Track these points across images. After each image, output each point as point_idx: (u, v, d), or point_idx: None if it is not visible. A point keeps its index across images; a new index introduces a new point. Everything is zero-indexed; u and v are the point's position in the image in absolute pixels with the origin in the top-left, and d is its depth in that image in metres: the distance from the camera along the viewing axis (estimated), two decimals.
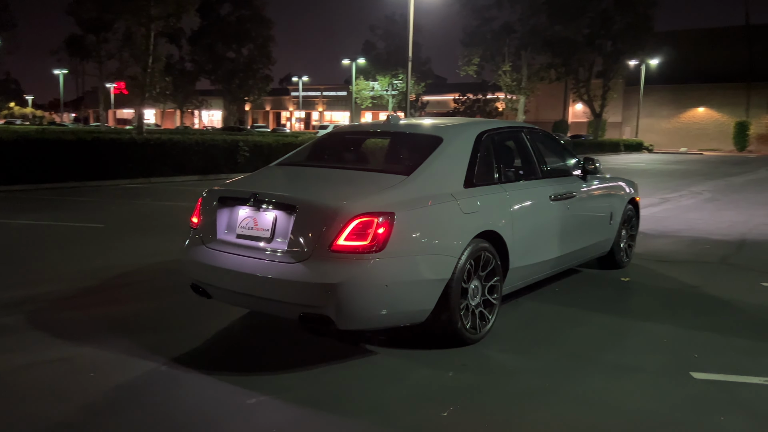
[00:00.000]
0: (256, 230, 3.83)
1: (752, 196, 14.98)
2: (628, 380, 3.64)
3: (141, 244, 7.54)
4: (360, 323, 3.65)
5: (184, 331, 4.39)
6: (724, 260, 7.20)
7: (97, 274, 5.94)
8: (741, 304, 5.31)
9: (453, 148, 4.31)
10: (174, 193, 13.41)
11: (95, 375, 3.60)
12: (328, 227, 3.53)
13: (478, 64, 42.70)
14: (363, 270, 3.49)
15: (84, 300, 5.12)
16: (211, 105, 74.76)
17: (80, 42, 49.32)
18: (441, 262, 3.82)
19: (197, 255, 4.05)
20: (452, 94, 56.03)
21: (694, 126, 54.08)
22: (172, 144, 15.78)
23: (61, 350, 3.97)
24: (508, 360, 3.94)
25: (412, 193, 3.85)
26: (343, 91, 75.14)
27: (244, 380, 3.54)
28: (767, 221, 10.41)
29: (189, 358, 3.88)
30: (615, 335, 4.46)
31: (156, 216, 10.12)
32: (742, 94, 50.90)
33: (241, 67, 61.62)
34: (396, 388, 3.48)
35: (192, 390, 3.43)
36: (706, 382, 3.64)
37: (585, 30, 41.87)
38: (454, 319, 3.92)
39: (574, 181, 5.51)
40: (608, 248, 6.23)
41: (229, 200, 4.03)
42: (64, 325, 4.46)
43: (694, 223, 10.15)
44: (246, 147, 17.36)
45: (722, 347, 4.24)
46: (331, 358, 3.91)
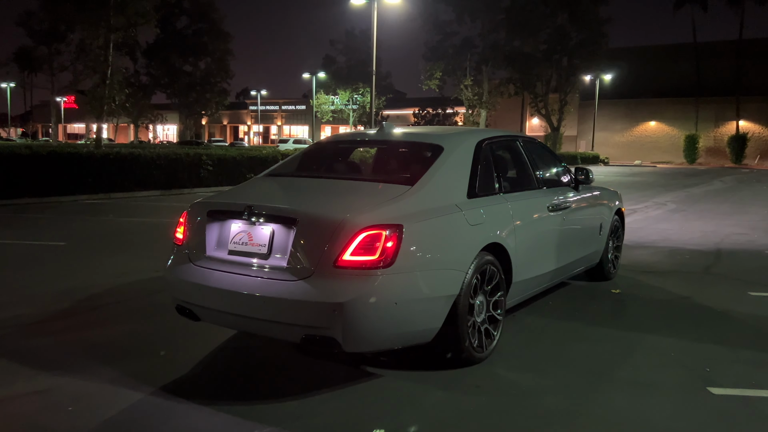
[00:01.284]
0: (251, 246, 3.55)
1: (715, 206, 15.30)
2: (648, 398, 3.49)
3: (107, 263, 7.11)
4: (367, 345, 3.40)
5: (169, 356, 4.05)
6: (707, 270, 7.21)
7: (66, 296, 5.52)
8: (735, 314, 5.27)
9: (455, 157, 4.13)
10: (136, 208, 12.89)
11: (76, 409, 3.25)
12: (332, 241, 3.29)
13: (440, 78, 43.04)
14: (371, 287, 3.25)
15: (55, 325, 4.72)
16: (167, 119, 73.19)
17: (31, 54, 47.62)
18: (449, 277, 3.62)
19: (184, 274, 3.74)
20: (412, 108, 56.34)
21: (647, 139, 55.63)
22: (133, 158, 15.22)
23: (35, 382, 3.59)
24: (521, 379, 3.75)
25: (418, 204, 3.64)
26: (303, 105, 74.67)
27: (243, 410, 3.25)
28: (737, 231, 10.58)
29: (179, 386, 3.56)
30: (622, 350, 4.32)
31: (120, 233, 9.64)
32: (692, 109, 52.63)
33: (198, 81, 60.58)
34: (412, 414, 3.24)
35: (189, 423, 3.12)
36: (725, 397, 3.52)
37: (543, 46, 42.73)
38: (462, 337, 3.71)
39: (568, 191, 5.41)
40: (597, 260, 6.15)
41: (220, 214, 3.74)
42: (36, 353, 4.07)
43: (666, 233, 10.23)
44: (209, 161, 16.89)
45: (730, 360, 4.14)
46: (334, 382, 3.65)
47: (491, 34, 42.13)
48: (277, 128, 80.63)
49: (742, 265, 7.59)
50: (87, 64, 25.90)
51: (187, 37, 58.99)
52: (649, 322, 5.04)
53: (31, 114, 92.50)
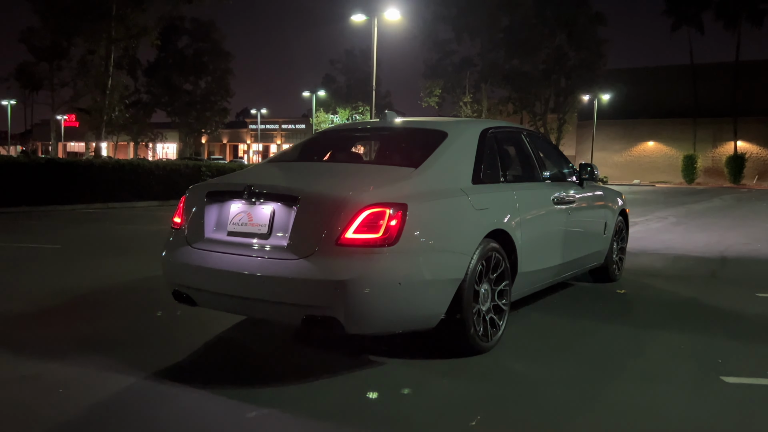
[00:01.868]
0: (251, 226, 3.44)
1: (717, 221, 15.23)
2: (662, 387, 3.36)
3: (102, 264, 6.99)
4: (370, 327, 3.27)
5: (164, 346, 3.92)
6: (713, 274, 7.10)
7: (58, 294, 5.39)
8: (745, 313, 5.15)
9: (459, 142, 4.05)
10: (134, 217, 12.78)
11: (66, 392, 3.11)
12: (335, 219, 3.18)
13: (440, 95, 43.23)
14: (374, 265, 3.14)
15: (46, 318, 4.59)
16: (166, 138, 73.32)
17: (32, 71, 47.78)
18: (454, 260, 3.51)
19: (181, 256, 3.62)
20: None
21: (645, 159, 55.74)
22: (132, 168, 15.16)
23: (23, 368, 3.45)
24: (529, 369, 3.62)
25: (422, 185, 3.54)
26: (302, 124, 74.93)
27: (240, 393, 3.11)
28: (740, 241, 10.48)
29: (174, 372, 3.43)
30: (632, 344, 4.20)
31: (117, 239, 9.52)
32: (689, 129, 52.83)
33: (199, 99, 60.85)
34: (414, 399, 3.11)
35: (182, 404, 2.98)
36: (740, 386, 3.39)
37: (541, 65, 43.00)
38: (467, 324, 3.59)
39: (572, 186, 5.31)
40: (602, 260, 6.03)
41: (219, 195, 3.63)
42: (24, 344, 3.93)
43: (669, 243, 10.13)
44: (209, 172, 16.83)
45: (743, 353, 4.02)
46: (335, 369, 3.51)
47: (490, 52, 42.41)
48: (276, 147, 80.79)
49: (748, 270, 7.48)
50: (87, 80, 25.86)
51: (188, 56, 59.36)
52: (657, 319, 4.92)
53: (31, 132, 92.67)
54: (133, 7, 22.69)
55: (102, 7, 22.31)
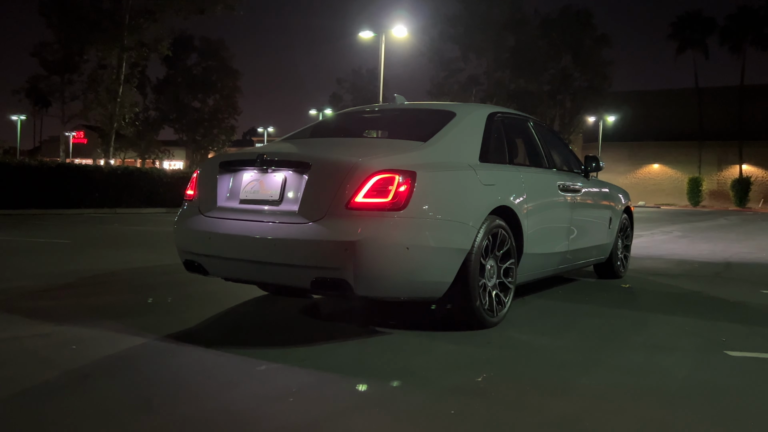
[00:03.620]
0: (263, 193, 3.52)
1: (722, 234, 15.24)
2: (667, 355, 3.40)
3: (111, 255, 7.08)
4: (379, 290, 3.33)
5: (173, 315, 3.99)
6: (718, 275, 7.13)
7: (71, 274, 5.48)
8: (748, 304, 5.17)
9: (467, 122, 4.14)
10: (141, 220, 12.90)
11: (79, 348, 3.17)
12: (345, 184, 3.26)
13: None
14: (383, 228, 3.21)
15: (58, 293, 4.67)
16: (174, 155, 73.87)
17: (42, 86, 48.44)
18: (461, 230, 3.57)
19: (193, 225, 3.70)
20: None
21: (650, 181, 55.82)
22: (140, 174, 15.32)
23: (38, 328, 3.53)
24: (534, 340, 3.66)
25: (431, 157, 3.63)
26: None
27: (250, 352, 3.16)
28: (745, 251, 10.50)
29: (185, 335, 3.49)
30: (637, 325, 4.23)
31: (124, 237, 9.63)
32: (695, 152, 52.97)
33: (206, 117, 61.41)
34: (422, 359, 3.15)
35: (192, 359, 3.04)
36: (744, 358, 3.42)
37: (547, 86, 43.36)
38: (473, 296, 3.64)
39: (578, 177, 5.39)
40: (607, 255, 6.08)
41: (232, 164, 3.72)
42: (38, 311, 4.00)
43: (674, 250, 10.16)
44: None
45: (746, 333, 4.04)
46: (343, 337, 3.57)
47: (496, 72, 42.82)
48: None
49: (752, 272, 7.49)
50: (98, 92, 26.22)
51: (197, 74, 60.05)
52: (662, 306, 4.95)
53: (40, 149, 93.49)
54: (146, 17, 23.12)
55: (115, 16, 22.75)
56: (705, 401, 2.69)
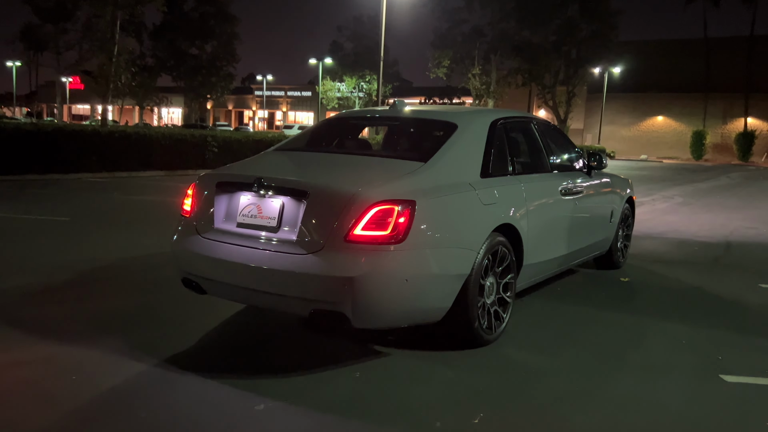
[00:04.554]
0: (260, 218, 3.47)
1: (723, 200, 15.19)
2: (661, 382, 3.42)
3: (112, 238, 7.06)
4: (376, 321, 3.33)
5: (174, 329, 4.00)
6: (717, 261, 7.13)
7: (70, 268, 5.47)
8: (746, 304, 5.19)
9: (468, 135, 4.04)
10: (141, 187, 12.83)
11: (79, 378, 3.20)
12: (343, 215, 3.21)
13: (448, 66, 42.73)
14: (382, 262, 3.18)
15: (60, 295, 4.67)
16: (172, 102, 72.92)
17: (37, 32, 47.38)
18: (461, 256, 3.54)
19: (191, 245, 3.67)
20: (418, 97, 56.10)
21: (654, 134, 55.32)
22: (138, 137, 15.15)
23: (38, 349, 3.54)
24: (530, 360, 3.68)
25: (431, 180, 3.56)
26: (308, 92, 74.35)
27: (247, 384, 3.19)
28: (746, 224, 10.48)
29: (183, 358, 3.50)
30: (633, 335, 4.25)
31: (124, 210, 9.59)
32: (700, 105, 52.30)
33: (204, 64, 60.30)
34: (419, 392, 3.17)
35: (191, 395, 3.06)
36: (739, 385, 3.44)
37: (552, 37, 42.35)
38: (472, 317, 3.64)
39: (580, 176, 5.31)
40: (607, 247, 6.06)
41: (229, 185, 3.66)
42: (41, 322, 4.02)
43: (674, 225, 10.14)
44: (215, 143, 16.82)
45: (743, 348, 4.07)
46: (340, 359, 3.59)
47: (501, 23, 41.73)
48: (282, 114, 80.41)
49: (752, 257, 7.50)
50: (93, 43, 25.62)
51: (194, 20, 58.64)
52: (659, 309, 4.96)
53: (36, 94, 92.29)
54: None
55: None
56: None
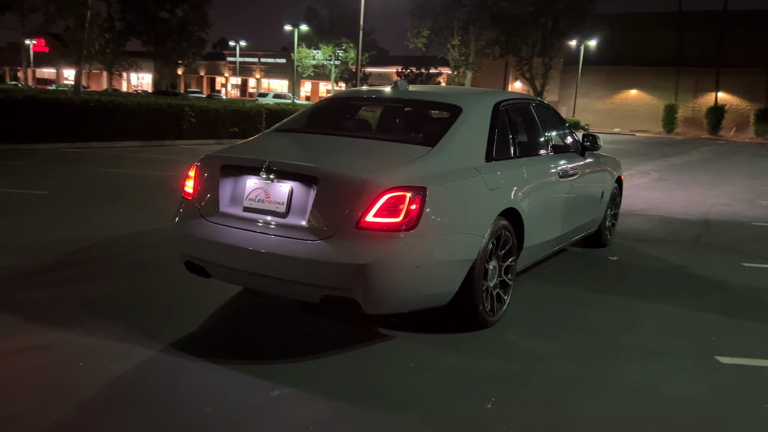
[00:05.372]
0: (268, 203, 3.43)
1: (697, 176, 15.50)
2: (660, 366, 3.52)
3: (94, 214, 6.92)
4: (387, 307, 3.34)
5: (174, 313, 3.96)
6: (698, 240, 7.30)
7: (56, 247, 5.35)
8: (732, 284, 5.33)
9: (473, 118, 4.03)
10: (118, 159, 12.55)
11: (86, 365, 3.15)
12: (355, 202, 3.19)
13: (427, 36, 42.32)
14: (394, 249, 3.18)
15: (49, 277, 4.57)
16: (141, 67, 71.00)
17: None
18: (468, 241, 3.56)
19: (195, 229, 3.61)
20: (395, 66, 55.54)
21: (627, 107, 55.86)
22: (114, 107, 14.74)
23: (36, 336, 3.48)
24: (532, 345, 3.74)
25: (439, 166, 3.54)
26: (282, 59, 73.00)
27: (257, 370, 3.19)
28: (721, 202, 10.73)
29: (189, 344, 3.48)
30: (627, 318, 4.34)
31: (104, 184, 9.38)
32: (672, 79, 52.90)
33: (175, 29, 58.69)
34: (428, 378, 3.21)
35: (202, 382, 3.05)
36: (734, 366, 3.56)
37: (530, 8, 42.15)
38: (477, 301, 3.68)
39: (575, 157, 5.36)
40: (596, 227, 6.15)
41: (234, 169, 3.59)
42: (31, 306, 3.93)
43: (653, 202, 10.33)
44: (192, 112, 16.47)
45: (733, 330, 4.19)
46: (345, 343, 3.60)
47: None
48: (255, 81, 78.98)
49: (731, 235, 7.69)
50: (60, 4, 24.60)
51: None
52: (649, 290, 5.07)
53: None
54: None
55: None
56: (702, 429, 2.81)
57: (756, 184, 14.34)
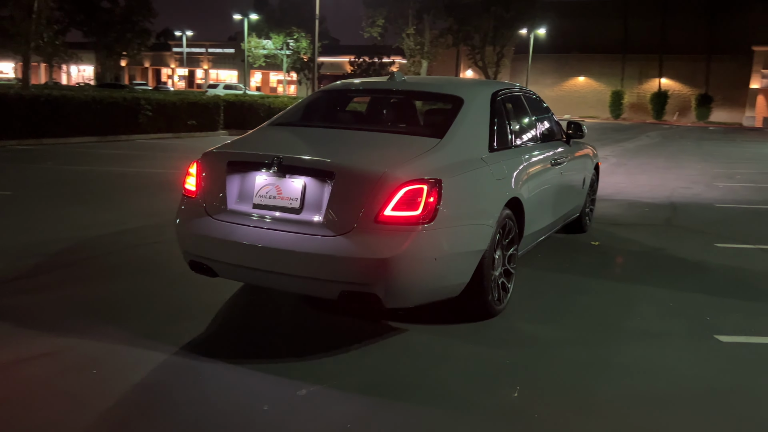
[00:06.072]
0: (280, 199, 3.36)
1: (651, 160, 16.03)
2: (665, 347, 3.63)
3: (66, 214, 6.66)
4: (407, 301, 3.34)
5: (177, 314, 3.85)
6: (670, 222, 7.56)
7: (36, 250, 5.13)
8: (710, 265, 5.52)
9: (475, 109, 4.04)
10: (75, 156, 12.09)
11: (100, 372, 3.04)
12: (373, 196, 3.16)
13: (382, 25, 42.10)
14: (414, 243, 3.17)
15: (36, 281, 4.39)
16: (82, 59, 68.43)
17: None
18: (480, 232, 3.59)
19: (201, 228, 3.51)
20: (347, 56, 55.20)
21: (576, 94, 57.16)
22: (66, 101, 14.16)
23: (42, 344, 3.33)
24: (541, 331, 3.80)
25: (450, 157, 3.55)
26: (231, 49, 71.51)
27: (277, 368, 3.14)
28: (680, 185, 11.13)
29: (201, 345, 3.40)
30: (622, 301, 4.45)
31: (67, 182, 9.02)
32: (618, 66, 54.41)
33: (118, 19, 56.74)
34: (449, 369, 3.23)
35: (224, 383, 2.98)
36: (736, 345, 3.70)
37: None
38: (487, 291, 3.72)
39: (562, 145, 5.45)
40: (578, 213, 6.28)
41: (241, 165, 3.51)
42: (29, 313, 3.77)
43: (618, 187, 10.61)
44: (149, 106, 15.99)
45: (723, 309, 4.35)
46: (359, 337, 3.58)
47: None
48: (203, 72, 77.21)
49: (698, 217, 7.99)
50: None
51: None
52: (635, 273, 5.22)
53: None
54: None
55: None
56: (723, 408, 2.91)
57: (708, 166, 14.93)
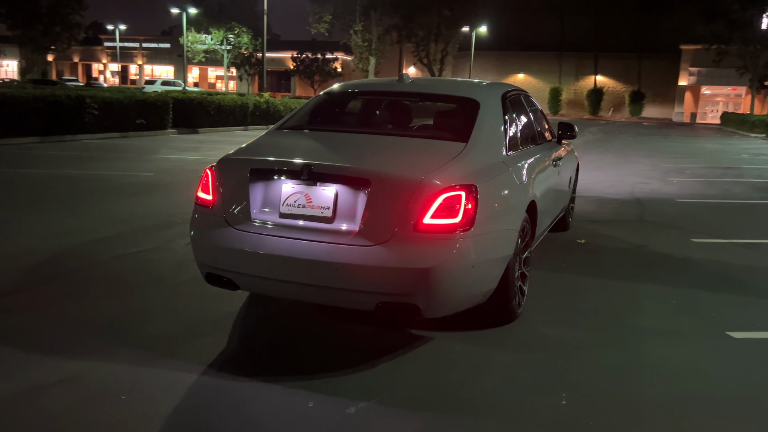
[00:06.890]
0: (311, 208, 3.22)
1: (602, 156, 16.52)
2: (684, 345, 3.70)
3: (34, 222, 6.25)
4: (445, 310, 3.27)
5: (190, 330, 3.65)
6: (642, 219, 7.79)
7: (14, 262, 4.78)
8: (695, 260, 5.69)
9: (491, 111, 4.01)
10: (20, 157, 11.42)
11: (130, 399, 2.83)
12: (412, 204, 3.07)
13: (330, 22, 41.74)
14: (454, 251, 3.10)
15: (27, 299, 4.08)
16: (5, 54, 64.82)
17: None
18: (509, 237, 3.56)
19: (222, 239, 3.33)
20: (290, 51, 54.52)
21: None
22: (5, 100, 13.35)
23: (55, 369, 3.08)
24: (562, 334, 3.81)
25: (478, 162, 3.50)
26: (167, 43, 69.34)
27: (318, 385, 3.01)
28: (637, 180, 11.54)
29: (228, 363, 3.23)
30: (627, 299, 4.52)
31: (22, 187, 8.49)
32: (555, 63, 55.95)
33: (45, 12, 54.00)
34: (489, 377, 3.18)
35: (269, 404, 2.84)
36: (750, 341, 3.81)
37: None
38: (511, 296, 3.70)
39: (556, 145, 5.50)
40: (564, 212, 6.37)
41: (266, 172, 3.34)
42: (28, 334, 3.50)
43: (581, 183, 10.76)
44: (95, 104, 15.26)
45: (723, 305, 4.47)
46: (387, 348, 3.48)
47: None
48: (137, 68, 74.51)
49: (664, 212, 8.27)
50: None
51: None
52: (628, 271, 5.30)
53: None
54: None
55: None
56: (754, 409, 2.99)
57: (656, 161, 15.53)
